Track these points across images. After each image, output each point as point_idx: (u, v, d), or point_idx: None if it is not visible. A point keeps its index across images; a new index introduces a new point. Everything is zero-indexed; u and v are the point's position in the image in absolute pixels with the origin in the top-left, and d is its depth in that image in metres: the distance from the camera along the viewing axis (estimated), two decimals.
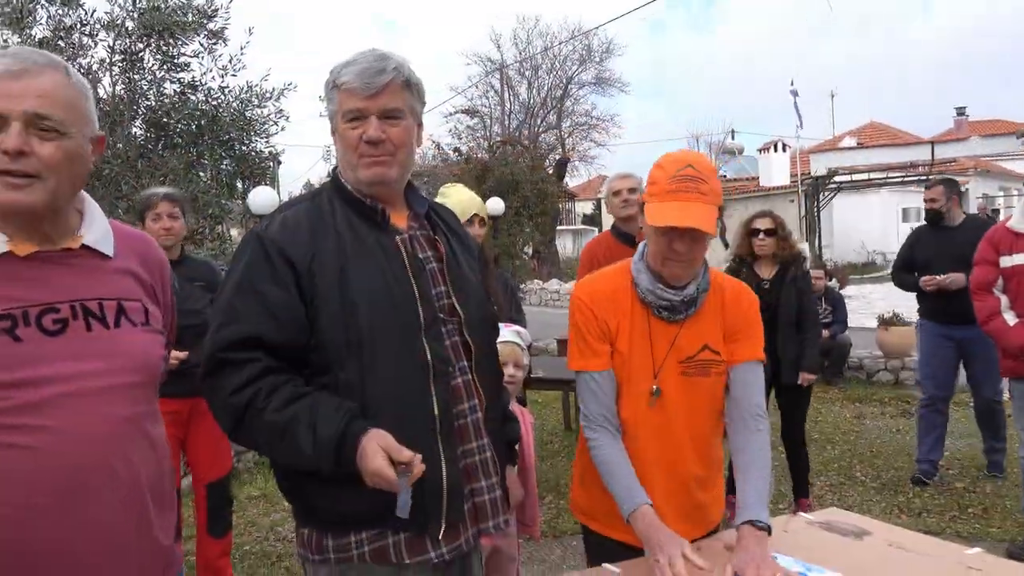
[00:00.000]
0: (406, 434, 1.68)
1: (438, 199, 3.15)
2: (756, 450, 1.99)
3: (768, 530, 1.88)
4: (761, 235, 4.72)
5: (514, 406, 2.68)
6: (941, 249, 5.25)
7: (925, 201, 5.48)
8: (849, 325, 8.95)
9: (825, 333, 8.52)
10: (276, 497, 5.63)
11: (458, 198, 3.36)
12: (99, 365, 1.41)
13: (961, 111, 31.95)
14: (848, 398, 8.31)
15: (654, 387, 2.03)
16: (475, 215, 3.38)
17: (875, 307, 12.03)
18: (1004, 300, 4.03)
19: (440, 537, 1.74)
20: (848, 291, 18.98)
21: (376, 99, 1.73)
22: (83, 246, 1.48)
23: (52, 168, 1.37)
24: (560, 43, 28.48)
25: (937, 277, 5.15)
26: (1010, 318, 3.98)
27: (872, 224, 26.16)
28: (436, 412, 1.73)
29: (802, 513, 2.33)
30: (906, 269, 5.61)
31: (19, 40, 6.16)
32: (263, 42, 14.97)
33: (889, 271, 6.60)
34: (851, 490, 5.39)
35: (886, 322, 9.00)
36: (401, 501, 1.54)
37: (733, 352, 2.07)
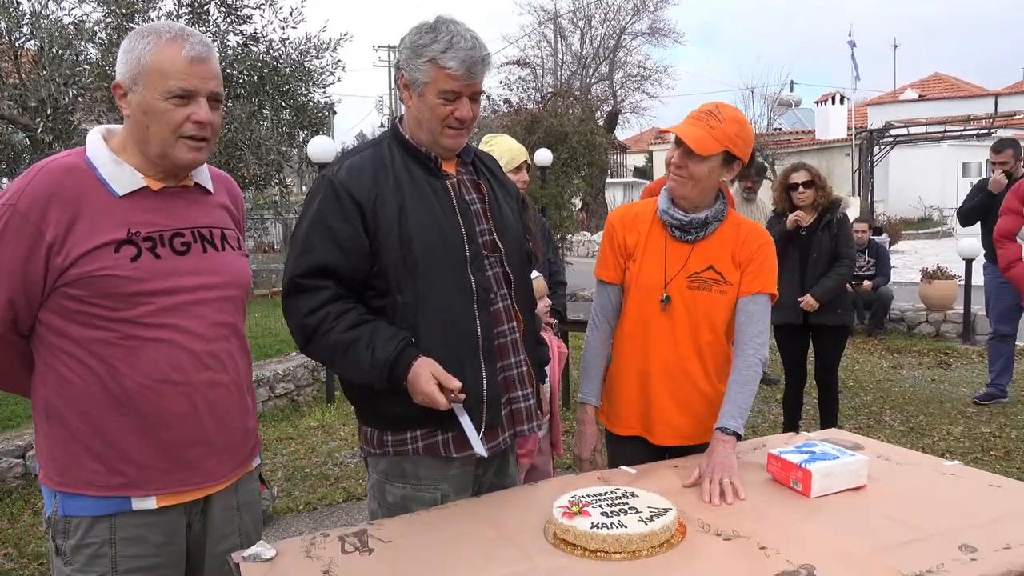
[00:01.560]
0: (453, 351, 2.00)
1: (482, 147, 3.42)
2: (741, 369, 2.27)
3: (737, 436, 2.17)
4: (800, 188, 4.89)
5: (547, 335, 2.99)
6: None
7: (994, 164, 5.85)
8: (897, 279, 9.01)
9: (867, 285, 8.64)
10: (333, 428, 6.07)
11: (508, 146, 3.66)
12: (214, 280, 1.78)
13: None
14: (887, 349, 8.44)
15: (664, 295, 2.34)
16: (523, 162, 3.70)
17: (926, 263, 11.94)
18: None
19: (481, 436, 2.05)
20: (900, 246, 18.74)
21: (473, 84, 2.01)
22: (195, 184, 1.84)
23: (216, 132, 1.78)
24: None
25: None
26: None
27: (931, 179, 25.48)
28: (479, 332, 2.04)
29: (805, 432, 2.59)
30: (979, 211, 6.00)
31: None
32: None
33: (945, 227, 6.77)
34: (878, 433, 5.59)
35: (930, 275, 9.04)
36: (473, 440, 1.96)
37: (742, 284, 2.35)
